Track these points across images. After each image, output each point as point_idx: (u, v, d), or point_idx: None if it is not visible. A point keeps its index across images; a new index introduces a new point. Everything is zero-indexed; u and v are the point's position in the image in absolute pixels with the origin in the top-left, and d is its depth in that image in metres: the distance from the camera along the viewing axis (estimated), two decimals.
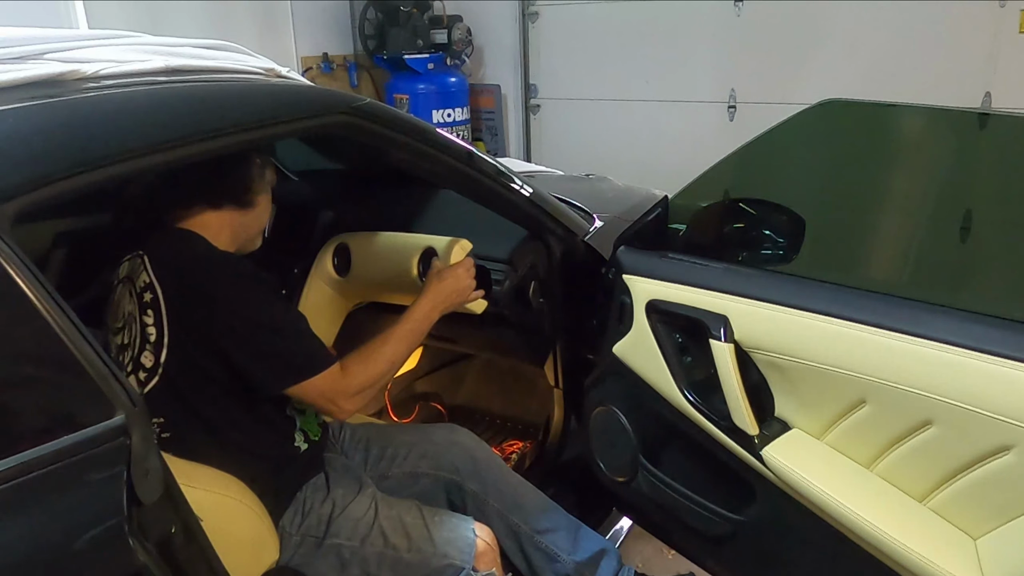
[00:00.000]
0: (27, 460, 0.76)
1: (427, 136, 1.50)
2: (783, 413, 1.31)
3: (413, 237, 1.83)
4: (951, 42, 3.81)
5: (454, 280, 1.56)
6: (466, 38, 5.16)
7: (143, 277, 1.33)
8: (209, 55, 1.39)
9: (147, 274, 1.33)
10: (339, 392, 1.35)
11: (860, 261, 1.54)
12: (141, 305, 1.33)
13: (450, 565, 1.41)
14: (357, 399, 1.37)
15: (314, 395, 1.34)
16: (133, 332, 1.34)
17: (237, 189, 1.42)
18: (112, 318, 1.41)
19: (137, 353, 1.33)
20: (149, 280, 1.32)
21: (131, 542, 0.81)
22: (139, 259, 1.36)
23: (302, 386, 1.32)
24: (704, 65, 4.58)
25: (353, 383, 1.36)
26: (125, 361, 1.35)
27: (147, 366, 1.32)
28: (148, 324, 1.31)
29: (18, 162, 0.90)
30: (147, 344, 1.31)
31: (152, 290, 1.32)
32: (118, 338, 1.38)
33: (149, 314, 1.31)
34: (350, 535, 1.41)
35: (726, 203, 1.64)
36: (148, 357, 1.32)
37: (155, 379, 1.31)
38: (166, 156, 1.08)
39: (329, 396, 1.34)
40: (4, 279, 0.79)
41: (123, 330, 1.37)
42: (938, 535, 1.12)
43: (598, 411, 1.68)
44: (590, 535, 1.70)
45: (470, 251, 1.70)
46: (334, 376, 1.34)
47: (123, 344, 1.36)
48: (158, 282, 1.31)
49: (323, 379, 1.32)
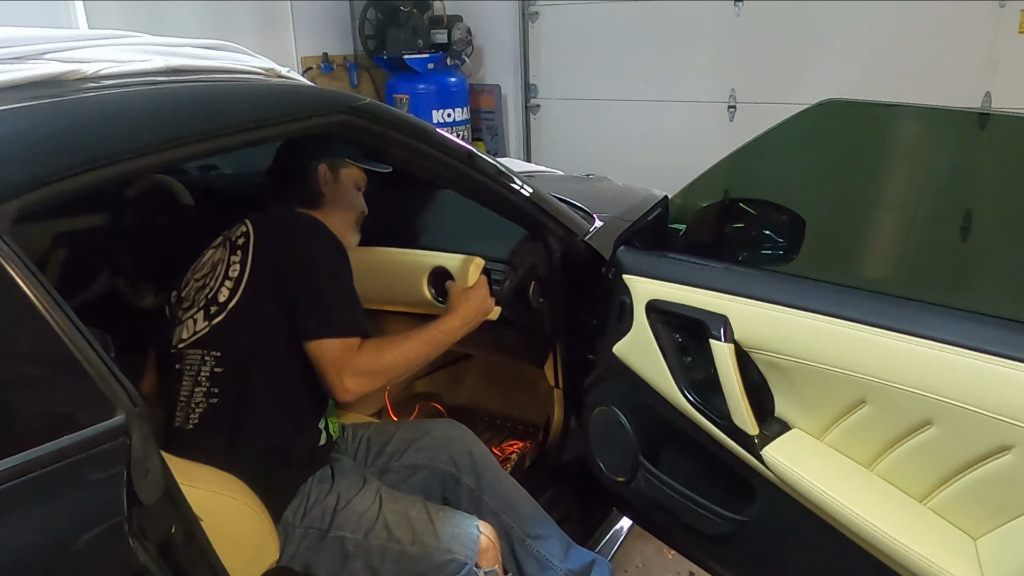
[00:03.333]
0: (27, 460, 0.76)
1: (427, 136, 1.50)
2: (783, 413, 1.31)
3: (418, 255, 1.80)
4: (951, 42, 3.81)
5: (480, 300, 1.63)
6: (466, 38, 5.16)
7: (242, 229, 1.49)
8: (209, 55, 1.39)
9: (246, 226, 1.49)
10: (347, 365, 1.37)
11: (860, 261, 1.54)
12: (232, 247, 1.48)
13: (453, 560, 1.41)
14: (361, 380, 1.38)
15: (328, 357, 1.37)
16: (217, 272, 1.48)
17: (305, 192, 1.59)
18: (196, 273, 1.53)
19: (215, 290, 1.45)
20: (247, 229, 1.48)
21: (131, 542, 0.81)
22: (241, 225, 1.51)
23: (322, 342, 1.37)
24: (704, 65, 4.58)
25: (362, 362, 1.38)
26: (200, 298, 1.47)
27: (220, 300, 1.44)
28: (234, 262, 1.45)
29: (18, 162, 0.90)
30: (227, 280, 1.44)
31: (247, 236, 1.47)
32: (200, 282, 1.50)
33: (237, 254, 1.46)
34: (354, 528, 1.42)
35: (726, 203, 1.64)
36: (224, 292, 1.44)
37: (224, 313, 1.43)
38: (166, 156, 1.08)
39: (339, 365, 1.37)
40: (4, 279, 0.79)
41: (207, 275, 1.50)
42: (938, 535, 1.12)
43: (598, 411, 1.68)
44: (580, 550, 1.71)
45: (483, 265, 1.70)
46: (351, 347, 1.38)
47: (204, 285, 1.49)
48: (254, 231, 1.47)
49: (343, 344, 1.37)
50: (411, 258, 1.81)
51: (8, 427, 0.80)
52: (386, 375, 1.43)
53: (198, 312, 1.46)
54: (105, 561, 0.82)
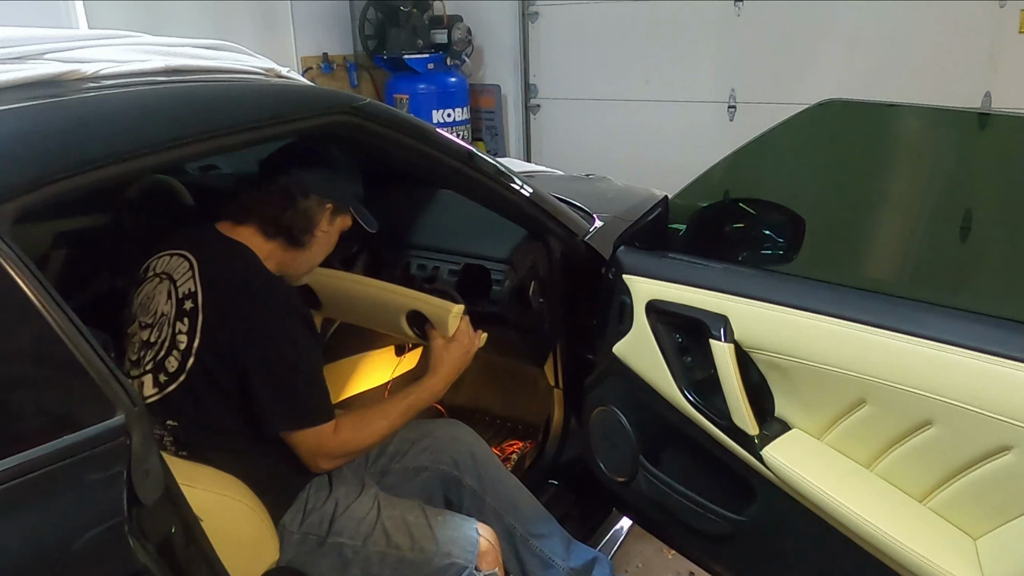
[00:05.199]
0: (27, 460, 0.76)
1: (427, 136, 1.50)
2: (783, 413, 1.31)
3: (396, 294, 1.67)
4: (951, 42, 3.81)
5: (461, 351, 1.56)
6: (466, 38, 5.17)
7: (188, 284, 1.33)
8: (209, 55, 1.39)
9: (194, 282, 1.33)
10: (323, 452, 1.36)
11: (860, 261, 1.54)
12: (179, 311, 1.32)
13: (453, 564, 1.41)
14: (338, 461, 1.40)
15: (302, 446, 1.34)
16: (163, 334, 1.34)
17: (294, 228, 1.41)
18: (142, 310, 1.39)
19: (163, 355, 1.33)
20: (194, 289, 1.32)
21: (131, 542, 0.81)
22: (185, 261, 1.36)
23: (294, 435, 1.33)
24: (704, 65, 4.58)
25: (338, 447, 1.37)
26: (147, 358, 1.35)
27: (170, 370, 1.32)
28: (181, 331, 1.31)
29: (18, 162, 0.90)
30: (175, 350, 1.32)
31: (194, 300, 1.31)
32: (145, 333, 1.37)
33: (185, 322, 1.31)
34: (352, 534, 1.41)
35: (726, 203, 1.64)
36: (172, 362, 1.32)
37: (175, 383, 1.31)
38: (166, 156, 1.08)
39: (313, 452, 1.35)
40: (4, 279, 0.79)
41: (152, 328, 1.36)
42: (938, 535, 1.12)
43: (598, 411, 1.68)
44: (581, 547, 1.71)
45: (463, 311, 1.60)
46: (326, 434, 1.35)
47: (149, 341, 1.36)
48: (203, 293, 1.31)
49: (316, 433, 1.33)
50: (388, 295, 1.68)
51: (8, 427, 0.80)
52: (365, 450, 1.45)
53: (145, 375, 1.34)
54: (105, 561, 0.82)
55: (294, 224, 1.41)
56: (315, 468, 1.38)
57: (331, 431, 1.35)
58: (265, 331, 1.30)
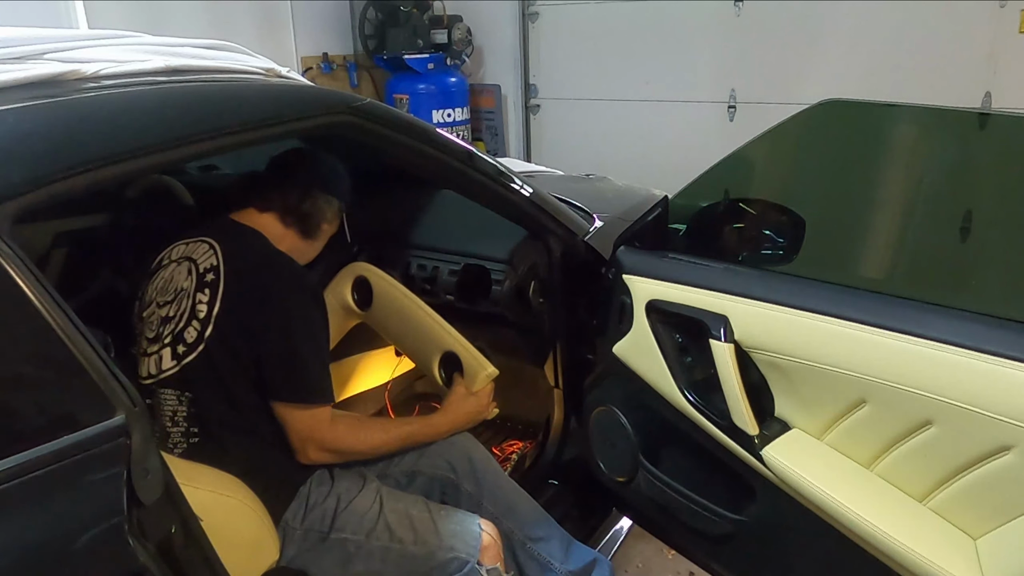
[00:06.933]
0: (27, 460, 0.76)
1: (427, 136, 1.50)
2: (783, 413, 1.31)
3: (441, 330, 1.70)
4: (951, 42, 3.81)
5: (476, 410, 1.63)
6: (466, 38, 5.16)
7: (210, 260, 1.40)
8: (209, 55, 1.39)
9: (216, 258, 1.40)
10: (315, 438, 1.37)
11: (860, 261, 1.54)
12: (200, 283, 1.39)
13: (456, 558, 1.41)
14: (325, 455, 1.40)
15: (295, 425, 1.36)
16: (183, 307, 1.39)
17: (311, 219, 1.52)
18: (159, 293, 1.45)
19: (182, 327, 1.38)
20: (216, 263, 1.39)
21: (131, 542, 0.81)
22: (205, 244, 1.43)
23: (291, 409, 1.35)
24: (704, 65, 4.58)
25: (332, 438, 1.39)
26: (166, 332, 1.40)
27: (189, 340, 1.37)
28: (201, 301, 1.37)
29: (18, 162, 0.90)
30: (195, 320, 1.37)
31: (216, 272, 1.38)
32: (164, 310, 1.42)
33: (205, 292, 1.37)
34: (355, 529, 1.41)
35: (726, 203, 1.64)
36: (192, 332, 1.37)
37: (194, 354, 1.36)
38: (166, 156, 1.08)
39: (305, 435, 1.37)
40: (4, 279, 0.79)
41: (171, 303, 1.41)
42: (938, 535, 1.12)
43: (598, 411, 1.68)
44: (581, 548, 1.71)
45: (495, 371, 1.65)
46: (321, 418, 1.37)
47: (168, 316, 1.41)
48: (224, 264, 1.38)
49: (312, 414, 1.36)
50: (436, 328, 1.71)
51: (8, 427, 0.80)
52: (352, 456, 1.46)
53: (164, 348, 1.39)
54: (105, 561, 0.82)
55: (312, 214, 1.52)
56: (303, 456, 1.39)
57: (327, 417, 1.37)
58: (280, 300, 1.37)
